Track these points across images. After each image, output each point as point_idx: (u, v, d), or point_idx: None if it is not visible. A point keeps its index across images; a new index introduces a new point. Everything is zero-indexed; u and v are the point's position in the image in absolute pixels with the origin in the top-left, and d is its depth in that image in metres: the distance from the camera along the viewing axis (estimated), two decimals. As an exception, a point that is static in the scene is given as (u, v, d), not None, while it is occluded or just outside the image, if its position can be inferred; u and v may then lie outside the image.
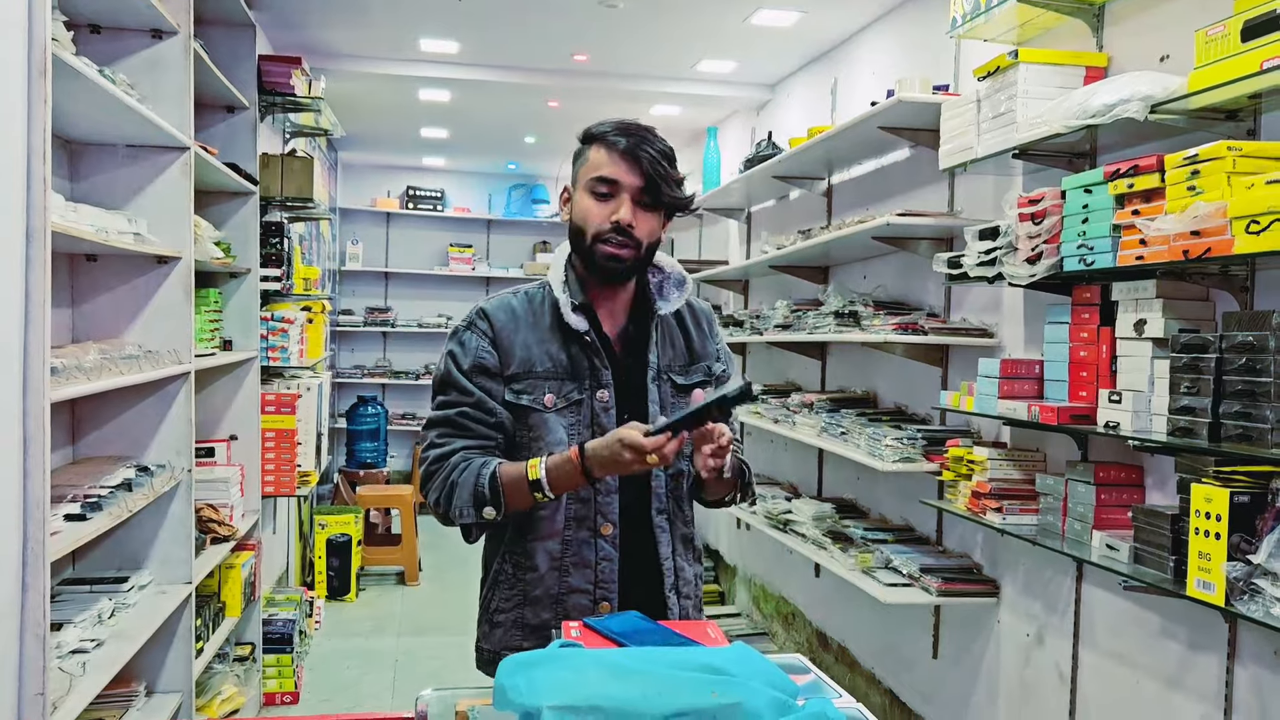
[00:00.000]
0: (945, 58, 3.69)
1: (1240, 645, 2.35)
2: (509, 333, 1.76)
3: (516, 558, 1.77)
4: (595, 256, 1.70)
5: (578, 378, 1.74)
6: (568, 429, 1.72)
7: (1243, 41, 2.00)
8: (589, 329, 1.73)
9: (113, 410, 2.83)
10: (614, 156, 1.69)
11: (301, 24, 4.68)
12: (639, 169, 1.68)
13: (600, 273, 1.72)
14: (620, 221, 1.67)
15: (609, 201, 1.69)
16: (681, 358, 1.84)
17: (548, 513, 1.72)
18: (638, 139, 1.69)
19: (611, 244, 1.68)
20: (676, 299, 1.83)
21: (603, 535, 1.73)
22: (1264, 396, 1.97)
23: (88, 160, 2.82)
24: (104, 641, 2.40)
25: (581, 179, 1.74)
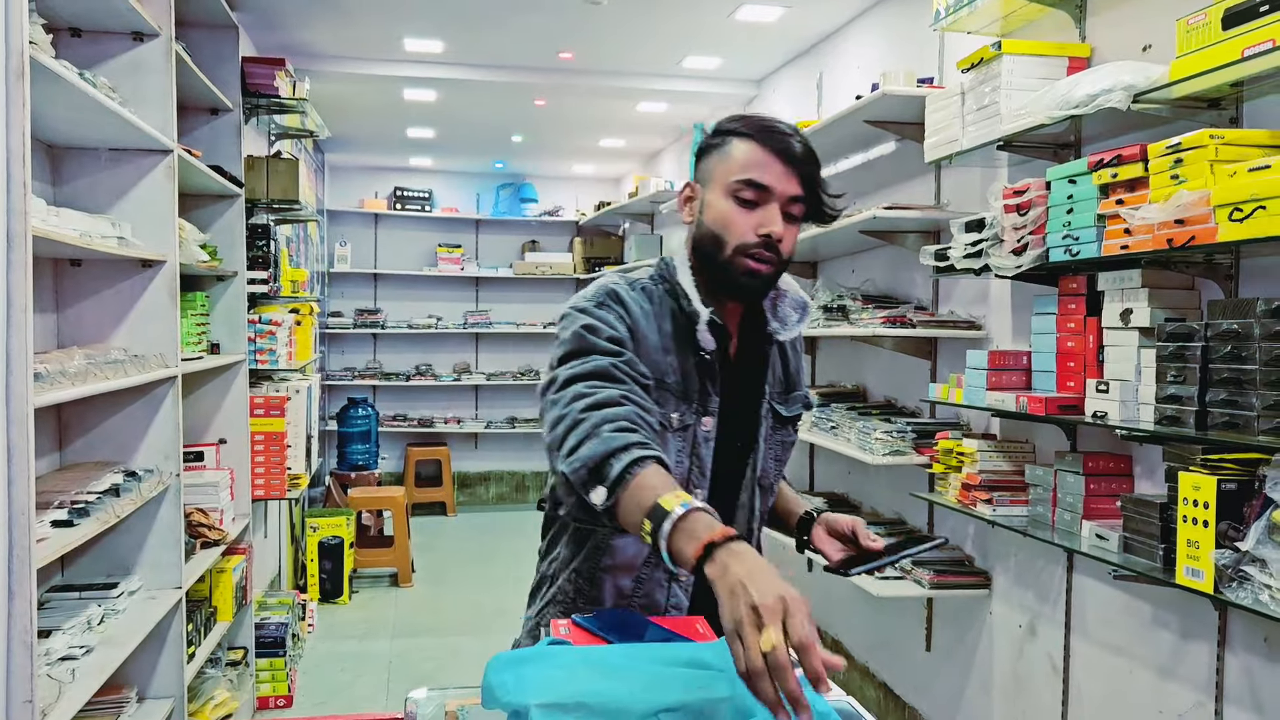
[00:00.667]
0: (929, 50, 3.69)
1: (1230, 632, 2.36)
2: (643, 329, 1.49)
3: (581, 582, 1.55)
4: (732, 270, 1.46)
5: (689, 399, 1.51)
6: (676, 454, 1.50)
7: (1224, 30, 2.00)
8: (715, 348, 1.51)
9: (99, 415, 2.82)
10: (767, 157, 1.44)
11: (284, 25, 4.66)
12: (796, 174, 1.45)
13: (733, 289, 1.49)
14: (772, 235, 1.44)
15: (755, 210, 1.45)
16: (780, 384, 1.64)
17: (624, 542, 1.50)
18: (794, 138, 1.46)
19: (756, 259, 1.45)
20: (795, 325, 1.60)
21: (678, 580, 1.53)
22: (1249, 384, 1.98)
23: (70, 164, 2.81)
24: (93, 648, 2.38)
25: (719, 177, 1.48)
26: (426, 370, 8.68)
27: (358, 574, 6.21)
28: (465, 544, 7.47)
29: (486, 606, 5.82)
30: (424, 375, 8.64)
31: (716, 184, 1.48)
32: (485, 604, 5.87)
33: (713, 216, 1.48)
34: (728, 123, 1.52)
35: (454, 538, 7.67)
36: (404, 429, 8.55)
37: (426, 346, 8.82)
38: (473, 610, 5.76)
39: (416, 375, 8.63)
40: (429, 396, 8.79)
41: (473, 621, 5.54)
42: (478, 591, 6.15)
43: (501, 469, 8.95)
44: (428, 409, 8.75)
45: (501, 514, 8.57)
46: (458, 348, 8.90)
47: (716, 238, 1.47)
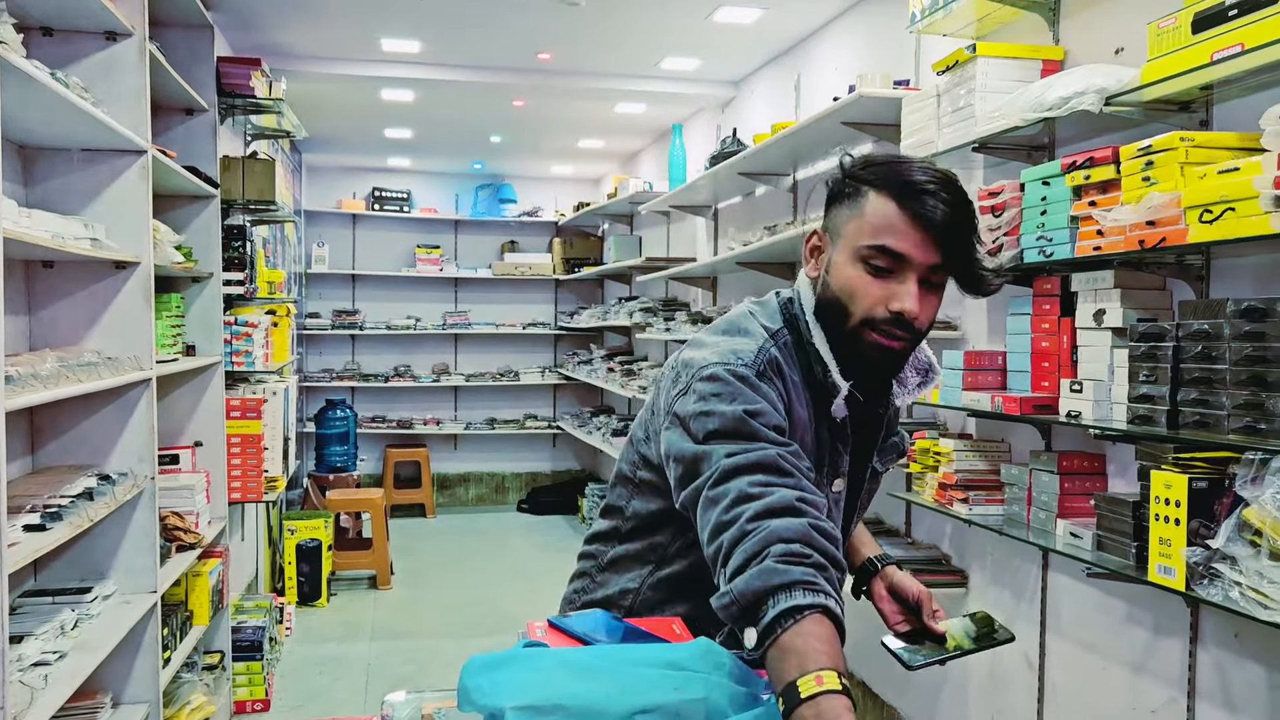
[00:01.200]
0: (906, 52, 3.71)
1: (1202, 629, 2.39)
2: (790, 394, 1.36)
3: (647, 595, 1.47)
4: (858, 344, 1.32)
5: (820, 462, 1.40)
6: None
7: (1193, 34, 2.03)
8: (847, 415, 1.39)
9: (72, 418, 2.79)
10: (904, 220, 1.27)
11: (260, 25, 4.63)
12: (935, 241, 1.27)
13: (858, 364, 1.35)
14: (906, 314, 1.28)
15: (889, 280, 1.29)
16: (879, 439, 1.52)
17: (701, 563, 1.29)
18: (933, 196, 1.26)
19: (886, 336, 1.30)
20: (915, 388, 1.46)
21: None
22: (1220, 384, 2.00)
23: (42, 165, 2.78)
24: (67, 653, 2.36)
25: (849, 235, 1.32)
26: (405, 371, 8.65)
27: (336, 576, 6.18)
28: (444, 546, 7.45)
29: (466, 609, 5.81)
30: (403, 376, 8.60)
31: (846, 243, 1.33)
32: (464, 606, 5.86)
33: (840, 282, 1.33)
34: (864, 169, 1.34)
35: (433, 539, 7.64)
36: (382, 430, 8.52)
37: (405, 347, 8.79)
38: (452, 612, 5.74)
39: (395, 376, 8.60)
40: (408, 398, 8.76)
41: (452, 624, 5.52)
42: (457, 593, 6.13)
43: (481, 470, 8.93)
44: (406, 410, 8.72)
45: (481, 515, 8.55)
46: (436, 349, 8.87)
47: (843, 306, 1.32)
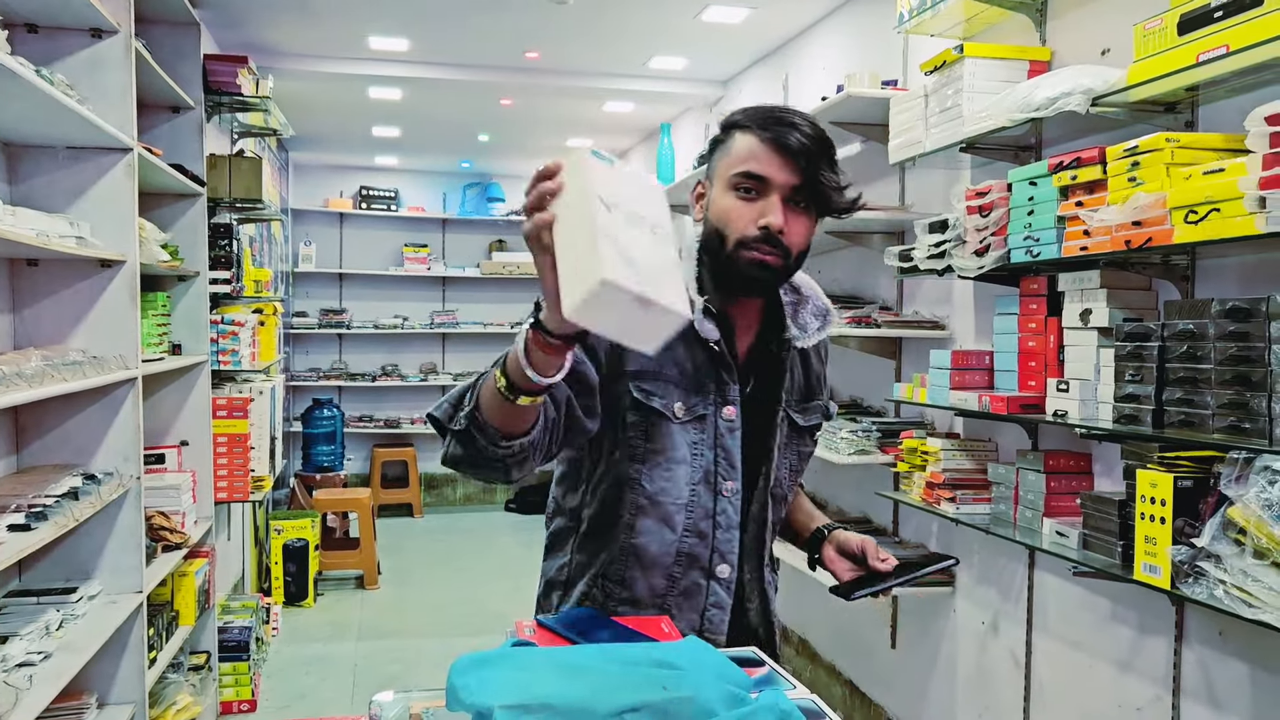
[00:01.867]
0: (894, 52, 3.72)
1: (1187, 627, 2.40)
2: None
3: (611, 585, 1.51)
4: (736, 264, 1.43)
5: (702, 391, 1.49)
6: (691, 446, 1.48)
7: (1179, 35, 2.04)
8: (720, 339, 1.49)
9: (57, 418, 2.77)
10: (763, 148, 1.41)
11: (247, 22, 4.61)
12: (793, 164, 1.40)
13: (740, 283, 1.46)
14: (770, 226, 1.40)
15: (755, 201, 1.42)
16: (799, 393, 1.61)
17: (656, 542, 1.48)
18: (790, 127, 1.41)
19: (758, 251, 1.41)
20: (815, 333, 1.58)
21: (718, 577, 1.51)
22: (1204, 383, 2.01)
23: (27, 162, 2.76)
24: (52, 654, 2.35)
25: (721, 172, 1.46)
26: (393, 370, 8.63)
27: (323, 576, 6.16)
28: (432, 545, 7.43)
29: (453, 608, 5.80)
30: (390, 376, 8.58)
31: (719, 179, 1.46)
32: (452, 606, 5.85)
33: (716, 212, 1.46)
34: (733, 116, 1.49)
35: (420, 539, 7.63)
36: (370, 430, 8.49)
37: (393, 347, 8.76)
38: (439, 612, 5.73)
39: (383, 376, 8.57)
40: (395, 397, 8.73)
41: (439, 623, 5.51)
42: (444, 593, 6.12)
43: (469, 470, 8.90)
44: (394, 409, 8.69)
45: (469, 515, 8.54)
46: (424, 348, 8.85)
47: (719, 232, 1.45)
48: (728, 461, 1.50)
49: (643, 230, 1.04)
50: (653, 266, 1.01)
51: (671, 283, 1.02)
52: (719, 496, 1.50)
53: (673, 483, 1.48)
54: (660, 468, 1.47)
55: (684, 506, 1.48)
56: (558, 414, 1.36)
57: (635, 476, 1.48)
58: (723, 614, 1.52)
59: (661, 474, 1.47)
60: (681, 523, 1.49)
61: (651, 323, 1.00)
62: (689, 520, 1.49)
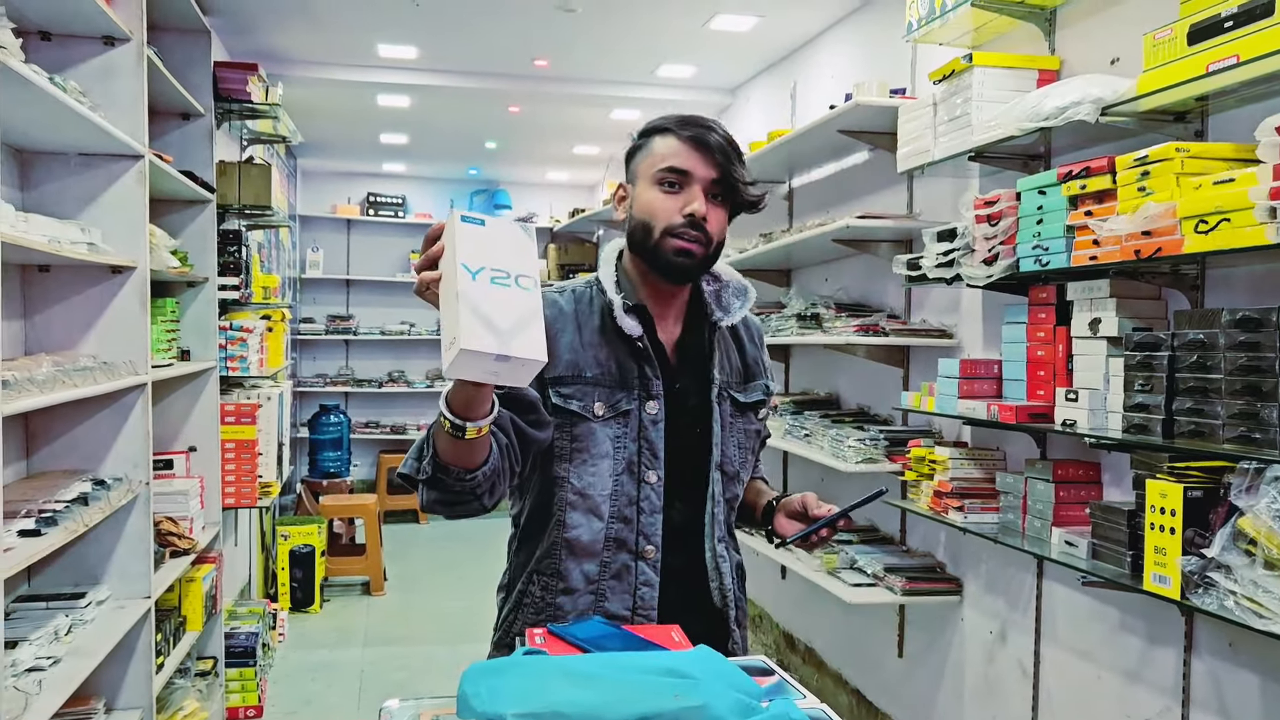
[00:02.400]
0: (902, 61, 3.73)
1: (1197, 638, 2.39)
2: (555, 332, 1.56)
3: (546, 579, 1.60)
4: (663, 252, 1.55)
5: (626, 386, 1.58)
6: (614, 440, 1.57)
7: (1189, 45, 2.04)
8: (643, 334, 1.58)
9: (67, 423, 2.78)
10: (684, 146, 1.55)
11: (257, 30, 4.63)
12: (712, 159, 1.54)
13: (667, 271, 1.57)
14: (695, 214, 1.53)
15: (679, 193, 1.55)
16: (738, 374, 1.70)
17: (586, 532, 1.57)
18: (707, 129, 1.56)
19: (684, 238, 1.53)
20: (738, 310, 1.67)
21: (644, 557, 1.58)
22: (1215, 393, 2.01)
23: (39, 169, 2.78)
24: (61, 659, 2.35)
25: (644, 171, 1.59)
26: (399, 377, 8.64)
27: (329, 582, 6.16)
28: (438, 552, 7.43)
29: (459, 615, 5.79)
30: (397, 382, 8.60)
31: (643, 178, 1.59)
32: (458, 613, 5.85)
33: (640, 207, 1.58)
34: (651, 123, 1.63)
35: (426, 546, 7.63)
36: (376, 436, 8.50)
37: (399, 353, 8.78)
38: (445, 619, 5.73)
39: (389, 382, 8.59)
40: (402, 403, 8.75)
41: (445, 630, 5.51)
42: (450, 600, 6.12)
43: (475, 476, 8.90)
44: (400, 416, 8.70)
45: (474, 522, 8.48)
46: (431, 354, 8.86)
47: (645, 225, 1.56)
48: (650, 452, 1.59)
49: (507, 285, 1.21)
50: (513, 320, 1.18)
51: (531, 332, 1.19)
52: (642, 484, 1.58)
53: (598, 477, 1.57)
54: (586, 465, 1.57)
55: (609, 496, 1.58)
56: (509, 438, 1.48)
57: (564, 475, 1.58)
58: (652, 591, 1.59)
59: (588, 470, 1.57)
60: (608, 511, 1.58)
61: (514, 369, 1.19)
62: (614, 508, 1.58)
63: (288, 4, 4.29)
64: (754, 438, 1.73)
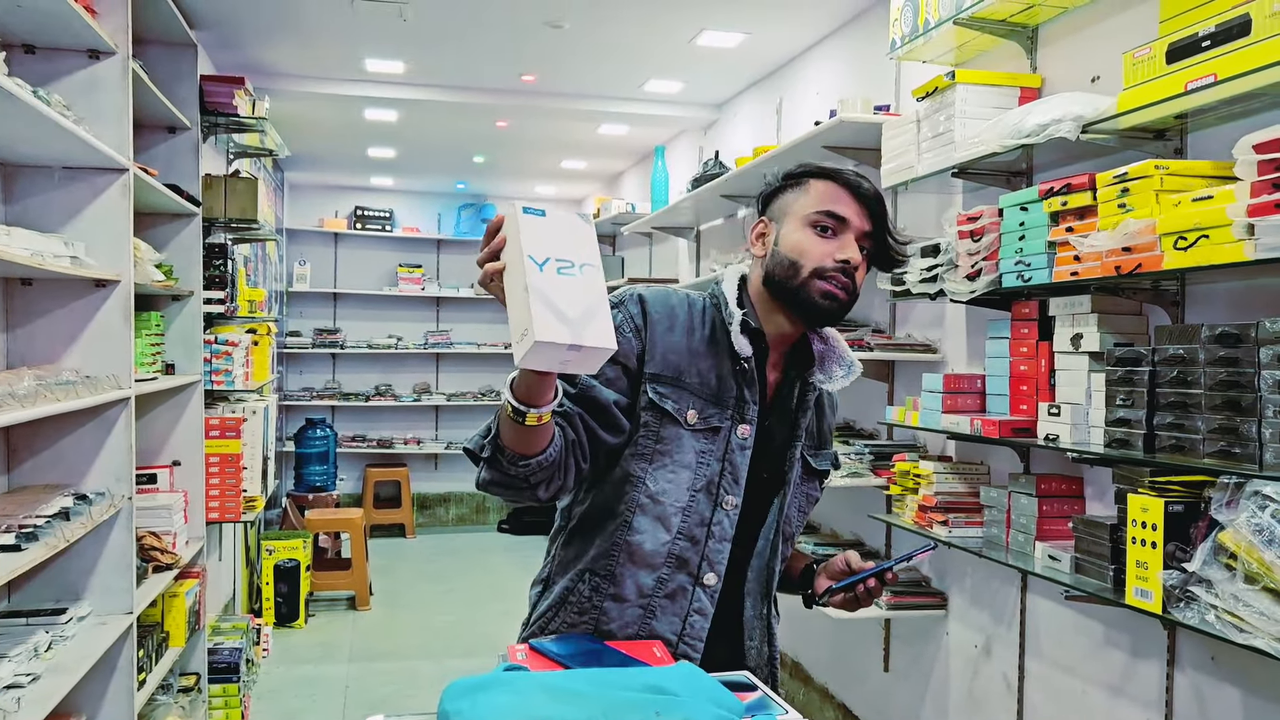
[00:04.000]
0: (886, 78, 3.75)
1: (1179, 652, 2.40)
2: (662, 328, 1.57)
3: (598, 580, 1.56)
4: (808, 292, 1.53)
5: (722, 404, 1.57)
6: (699, 454, 1.55)
7: (1168, 64, 2.06)
8: (752, 355, 1.57)
9: (50, 437, 2.77)
10: (844, 193, 1.55)
11: (244, 44, 4.63)
12: (868, 211, 1.55)
13: (809, 310, 1.55)
14: (850, 261, 1.53)
15: (832, 239, 1.54)
16: (813, 439, 1.69)
17: (650, 540, 1.54)
18: (868, 183, 1.58)
19: (833, 283, 1.52)
20: (839, 379, 1.65)
21: (704, 584, 1.55)
22: (1195, 408, 2.02)
23: (22, 182, 2.77)
24: (40, 676, 2.33)
25: (798, 212, 1.57)
26: (386, 390, 8.62)
27: (314, 597, 6.13)
28: (424, 566, 7.40)
29: (445, 630, 5.77)
30: (384, 395, 8.57)
31: (794, 217, 1.57)
32: (444, 627, 5.82)
33: (789, 245, 1.56)
34: (805, 167, 1.61)
35: (413, 560, 7.60)
36: (363, 450, 8.47)
37: (386, 366, 8.76)
38: (431, 634, 5.70)
39: (376, 395, 8.56)
40: (388, 417, 8.72)
41: (431, 645, 5.49)
42: (436, 614, 6.09)
43: (461, 490, 8.89)
44: (387, 430, 8.68)
45: (461, 536, 8.51)
46: (418, 368, 8.85)
47: (794, 264, 1.54)
48: (733, 476, 1.56)
49: (573, 274, 1.22)
50: (582, 309, 1.20)
51: (599, 320, 1.21)
52: (718, 508, 1.55)
53: (674, 485, 1.54)
54: (665, 469, 1.54)
55: (681, 510, 1.54)
56: (577, 435, 1.47)
57: (640, 475, 1.54)
58: (704, 621, 1.55)
59: (665, 475, 1.54)
60: (677, 525, 1.54)
61: (585, 358, 1.20)
62: (684, 524, 1.54)
63: (275, 18, 4.30)
64: (811, 504, 1.72)
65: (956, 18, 2.81)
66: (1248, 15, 1.88)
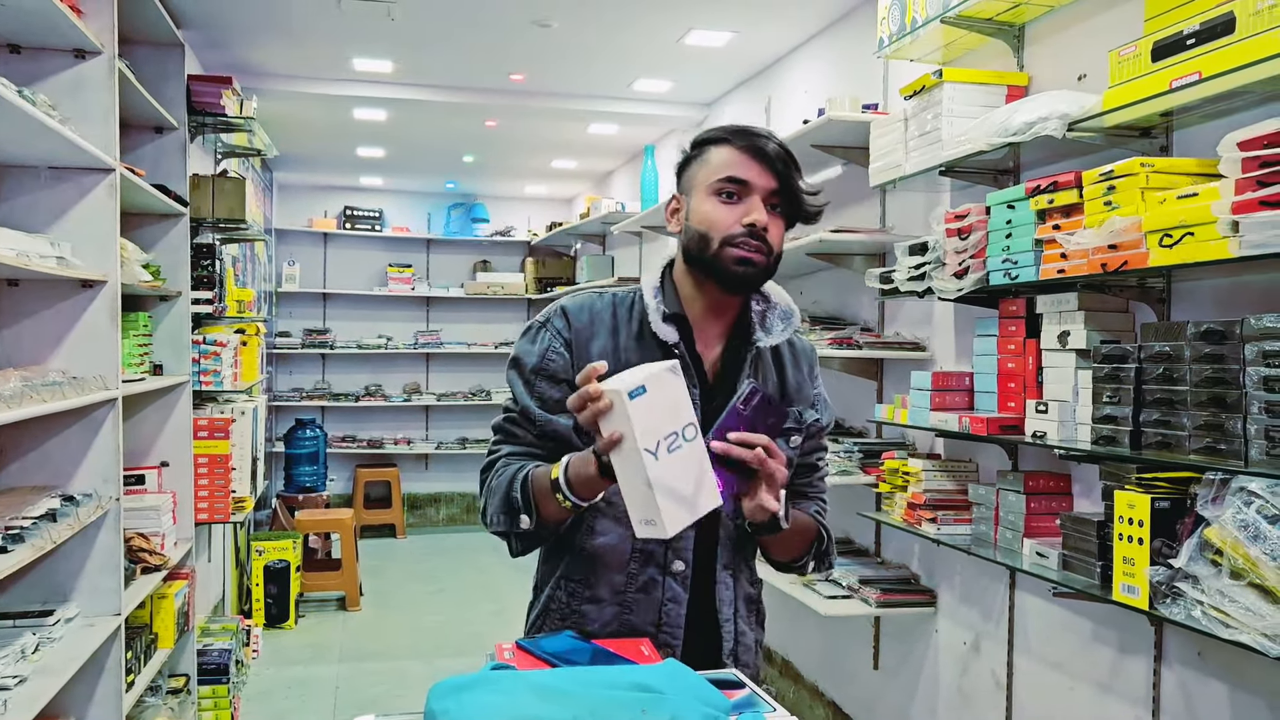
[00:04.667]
0: (874, 76, 3.76)
1: (1166, 647, 2.42)
2: (586, 335, 1.58)
3: (574, 586, 1.59)
4: (722, 262, 1.52)
5: None
6: None
7: (1153, 61, 2.07)
8: (679, 342, 1.56)
9: (36, 439, 2.75)
10: (743, 156, 1.53)
11: (232, 43, 4.62)
12: (771, 170, 1.52)
13: (727, 280, 1.54)
14: (756, 223, 1.50)
15: (738, 204, 1.52)
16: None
17: (614, 541, 1.56)
18: (765, 138, 1.54)
19: (744, 248, 1.51)
20: (780, 332, 1.63)
21: (673, 573, 1.56)
22: (1181, 405, 2.03)
23: (8, 182, 2.75)
24: (27, 678, 2.32)
25: (701, 182, 1.56)
26: (376, 390, 8.60)
27: (304, 598, 6.11)
28: (415, 566, 7.39)
29: (435, 630, 5.76)
30: (374, 396, 8.55)
31: (699, 188, 1.56)
32: (434, 627, 5.81)
33: (698, 218, 1.55)
34: (705, 134, 1.60)
35: (403, 560, 7.58)
36: (353, 450, 8.45)
37: (376, 367, 8.74)
38: (422, 634, 5.69)
39: (366, 396, 8.54)
40: (379, 417, 8.70)
41: (421, 645, 5.48)
42: (427, 615, 6.09)
43: (452, 490, 8.88)
44: (377, 430, 8.66)
45: (452, 536, 8.49)
46: (408, 368, 8.83)
47: (703, 235, 1.53)
48: None
49: (679, 446, 1.27)
50: (693, 481, 1.27)
51: (707, 481, 1.28)
52: None
53: None
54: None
55: None
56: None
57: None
58: (680, 608, 1.57)
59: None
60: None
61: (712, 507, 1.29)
62: None
63: (262, 17, 4.28)
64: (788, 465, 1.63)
65: (944, 16, 2.82)
66: (1231, 14, 1.89)
